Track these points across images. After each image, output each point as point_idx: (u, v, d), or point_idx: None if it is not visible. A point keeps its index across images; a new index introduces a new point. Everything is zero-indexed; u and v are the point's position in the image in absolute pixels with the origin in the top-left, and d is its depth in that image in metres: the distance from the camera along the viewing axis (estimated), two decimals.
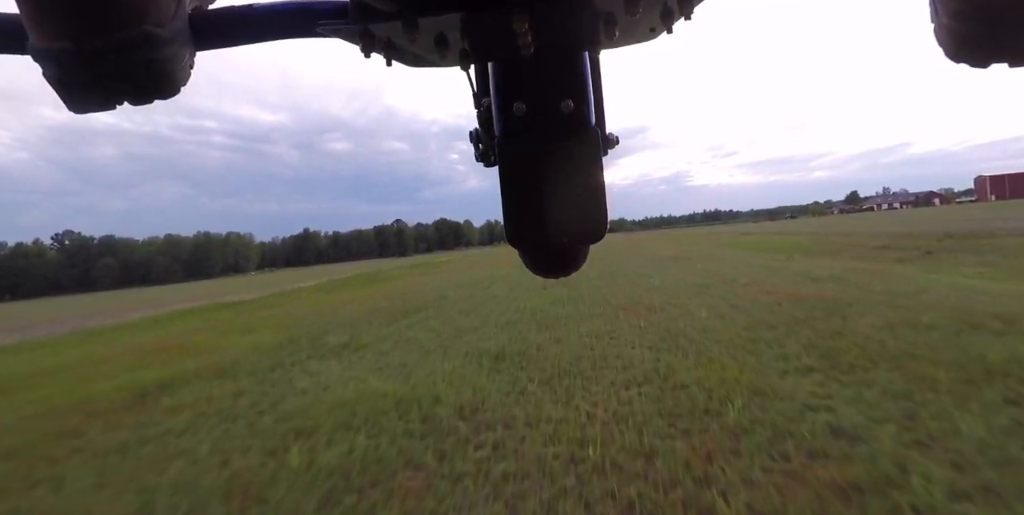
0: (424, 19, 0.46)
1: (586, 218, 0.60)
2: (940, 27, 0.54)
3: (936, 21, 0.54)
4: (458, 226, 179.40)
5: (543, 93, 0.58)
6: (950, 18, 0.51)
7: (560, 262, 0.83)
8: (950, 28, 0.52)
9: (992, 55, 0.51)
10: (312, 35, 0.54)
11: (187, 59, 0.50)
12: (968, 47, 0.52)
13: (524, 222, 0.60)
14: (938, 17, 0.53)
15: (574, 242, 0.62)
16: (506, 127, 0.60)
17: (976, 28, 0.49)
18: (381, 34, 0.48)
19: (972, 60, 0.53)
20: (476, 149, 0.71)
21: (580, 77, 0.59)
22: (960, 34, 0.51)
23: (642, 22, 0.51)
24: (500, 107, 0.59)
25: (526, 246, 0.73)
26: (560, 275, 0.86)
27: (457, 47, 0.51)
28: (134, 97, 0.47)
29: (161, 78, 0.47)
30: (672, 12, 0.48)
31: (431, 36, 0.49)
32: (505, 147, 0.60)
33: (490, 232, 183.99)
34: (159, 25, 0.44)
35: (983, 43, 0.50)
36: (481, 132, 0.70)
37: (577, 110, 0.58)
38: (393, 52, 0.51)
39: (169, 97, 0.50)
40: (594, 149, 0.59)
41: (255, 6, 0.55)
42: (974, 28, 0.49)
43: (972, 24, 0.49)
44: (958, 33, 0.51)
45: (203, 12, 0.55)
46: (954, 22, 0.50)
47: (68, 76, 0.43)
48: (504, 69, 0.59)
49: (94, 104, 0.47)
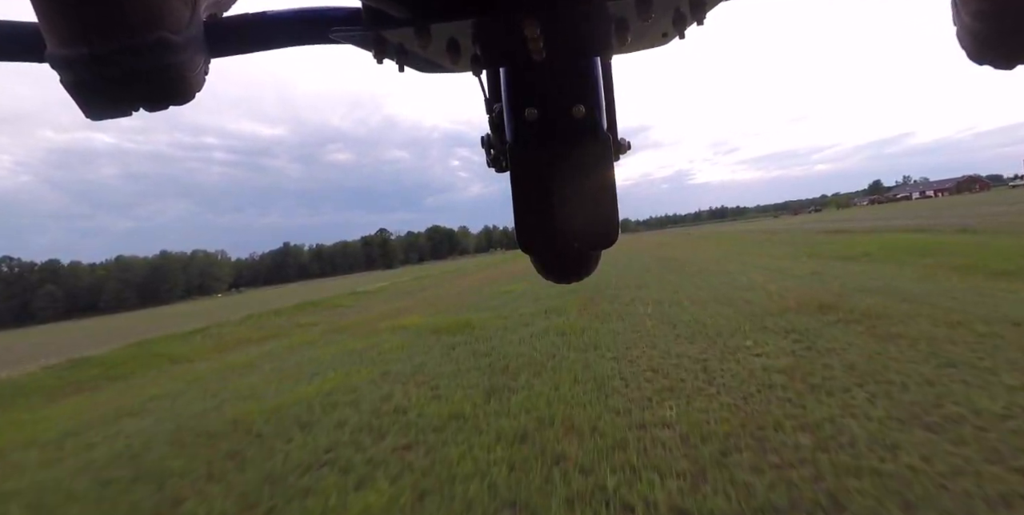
0: (436, 25, 0.46)
1: (597, 223, 0.60)
2: (962, 28, 0.53)
3: (958, 22, 0.53)
4: (451, 233, 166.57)
5: (554, 98, 0.58)
6: (971, 18, 0.50)
7: (572, 267, 0.83)
8: (972, 29, 0.51)
9: (1015, 56, 0.50)
10: (325, 42, 0.54)
11: (202, 65, 0.50)
12: (991, 47, 0.50)
13: (535, 228, 0.61)
14: (960, 18, 0.52)
15: (585, 247, 0.62)
16: (517, 133, 0.60)
17: (999, 27, 0.48)
18: (393, 40, 0.48)
19: (996, 61, 0.51)
20: (487, 154, 0.71)
21: (592, 82, 0.59)
22: (982, 34, 0.50)
23: (654, 27, 0.51)
24: (511, 112, 0.60)
25: (537, 251, 0.71)
26: (572, 280, 0.86)
27: (469, 53, 0.51)
28: (149, 103, 0.47)
29: (176, 84, 0.47)
30: (685, 17, 0.48)
31: (443, 42, 0.49)
32: (516, 152, 0.60)
33: (488, 238, 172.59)
34: (174, 31, 0.44)
35: (1006, 43, 0.49)
36: (492, 138, 0.70)
37: (588, 115, 0.58)
38: (405, 58, 0.51)
39: (184, 103, 0.49)
40: (606, 154, 0.59)
41: (268, 13, 0.55)
42: (996, 27, 0.48)
43: (994, 23, 0.48)
44: (980, 33, 0.50)
45: (218, 19, 0.56)
46: (976, 22, 0.50)
47: (85, 82, 0.43)
48: (516, 74, 0.59)
49: (110, 110, 0.47)
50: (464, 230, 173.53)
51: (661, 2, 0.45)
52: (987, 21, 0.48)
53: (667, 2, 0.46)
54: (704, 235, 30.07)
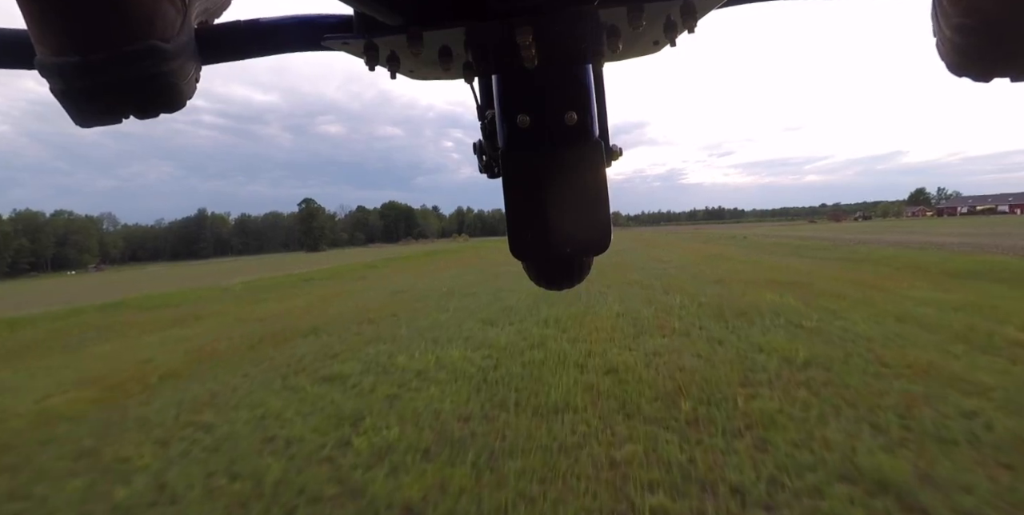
0: (428, 32, 0.46)
1: (590, 230, 0.60)
2: (943, 40, 0.53)
3: (939, 35, 0.54)
4: (410, 212, 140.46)
5: (547, 105, 0.58)
6: (952, 31, 0.50)
7: (564, 274, 0.83)
8: (952, 41, 0.51)
9: (994, 69, 0.50)
10: (317, 48, 0.54)
11: (193, 73, 0.50)
12: (970, 61, 0.51)
13: (527, 234, 0.61)
14: (940, 31, 0.53)
15: (577, 254, 0.63)
16: (510, 139, 0.60)
17: (978, 41, 0.48)
18: (385, 47, 0.48)
19: (974, 74, 0.52)
20: (480, 161, 0.71)
21: (584, 89, 0.59)
22: (962, 47, 0.50)
23: (646, 35, 0.51)
24: (504, 119, 0.59)
25: (530, 258, 0.72)
26: (563, 287, 0.86)
27: (461, 60, 0.52)
28: (140, 111, 0.46)
29: (167, 92, 0.46)
30: (675, 25, 0.48)
31: (435, 49, 0.50)
32: (509, 159, 0.60)
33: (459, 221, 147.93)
34: (165, 39, 0.44)
35: (985, 57, 0.49)
36: (485, 144, 0.69)
37: (580, 122, 0.58)
38: (397, 65, 0.51)
39: (175, 111, 0.49)
40: (598, 161, 0.59)
41: (261, 20, 0.55)
42: (976, 41, 0.48)
43: (974, 37, 0.48)
44: (960, 46, 0.50)
45: (209, 27, 0.56)
46: (956, 35, 0.50)
47: (74, 90, 0.43)
48: (508, 81, 0.59)
49: (101, 118, 0.46)
50: (427, 210, 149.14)
51: (652, 10, 0.46)
52: (968, 35, 0.48)
53: (658, 10, 0.46)
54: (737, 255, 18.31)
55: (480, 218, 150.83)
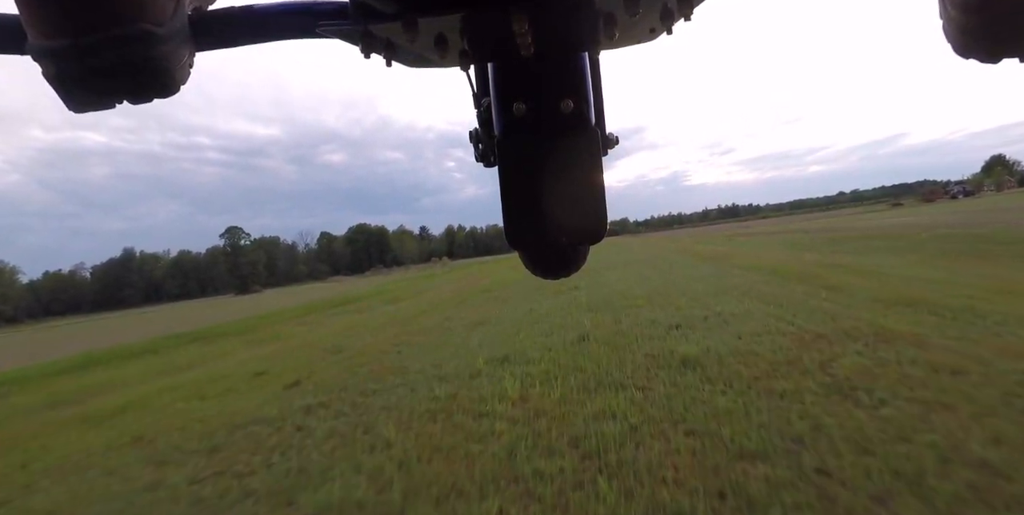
0: (424, 19, 0.46)
1: (586, 218, 0.60)
2: (948, 22, 0.51)
3: (944, 16, 0.52)
4: (382, 235, 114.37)
5: (543, 93, 0.57)
6: (958, 11, 0.48)
7: (560, 262, 0.82)
8: (958, 22, 0.49)
9: (1002, 49, 0.48)
10: (312, 36, 0.54)
11: (186, 58, 0.49)
12: (976, 41, 0.49)
13: (523, 222, 0.60)
14: (946, 12, 0.51)
15: (573, 242, 0.62)
16: (506, 127, 0.59)
17: (984, 21, 0.47)
18: (381, 34, 0.48)
19: (981, 55, 0.50)
20: (476, 149, 0.70)
21: (580, 77, 0.58)
22: (968, 28, 0.49)
23: (642, 23, 0.51)
24: (500, 107, 0.59)
25: (525, 246, 0.71)
26: (559, 276, 0.84)
27: (457, 47, 0.51)
28: (133, 95, 0.46)
29: (159, 76, 0.46)
30: (672, 13, 0.48)
31: (431, 36, 0.49)
32: (505, 147, 0.59)
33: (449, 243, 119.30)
34: (157, 23, 0.44)
35: (991, 36, 0.48)
36: (481, 132, 0.69)
37: (577, 110, 0.58)
38: (393, 52, 0.50)
39: (168, 96, 0.48)
40: (594, 149, 0.59)
41: (255, 7, 0.54)
42: (982, 21, 0.47)
43: (979, 17, 0.47)
44: (966, 27, 0.49)
45: (203, 12, 0.55)
46: (962, 15, 0.48)
47: (66, 74, 0.42)
48: (504, 69, 0.58)
49: (93, 102, 0.46)
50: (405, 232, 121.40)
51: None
52: (973, 14, 0.47)
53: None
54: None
55: (472, 236, 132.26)
